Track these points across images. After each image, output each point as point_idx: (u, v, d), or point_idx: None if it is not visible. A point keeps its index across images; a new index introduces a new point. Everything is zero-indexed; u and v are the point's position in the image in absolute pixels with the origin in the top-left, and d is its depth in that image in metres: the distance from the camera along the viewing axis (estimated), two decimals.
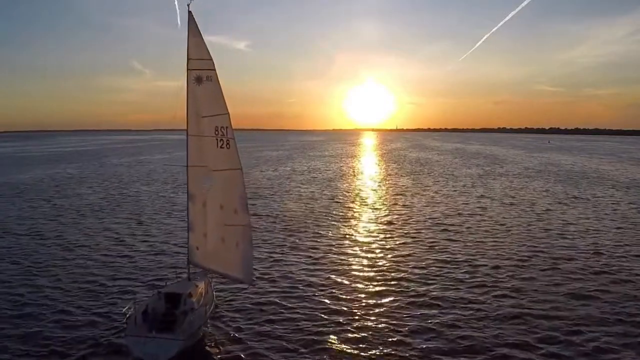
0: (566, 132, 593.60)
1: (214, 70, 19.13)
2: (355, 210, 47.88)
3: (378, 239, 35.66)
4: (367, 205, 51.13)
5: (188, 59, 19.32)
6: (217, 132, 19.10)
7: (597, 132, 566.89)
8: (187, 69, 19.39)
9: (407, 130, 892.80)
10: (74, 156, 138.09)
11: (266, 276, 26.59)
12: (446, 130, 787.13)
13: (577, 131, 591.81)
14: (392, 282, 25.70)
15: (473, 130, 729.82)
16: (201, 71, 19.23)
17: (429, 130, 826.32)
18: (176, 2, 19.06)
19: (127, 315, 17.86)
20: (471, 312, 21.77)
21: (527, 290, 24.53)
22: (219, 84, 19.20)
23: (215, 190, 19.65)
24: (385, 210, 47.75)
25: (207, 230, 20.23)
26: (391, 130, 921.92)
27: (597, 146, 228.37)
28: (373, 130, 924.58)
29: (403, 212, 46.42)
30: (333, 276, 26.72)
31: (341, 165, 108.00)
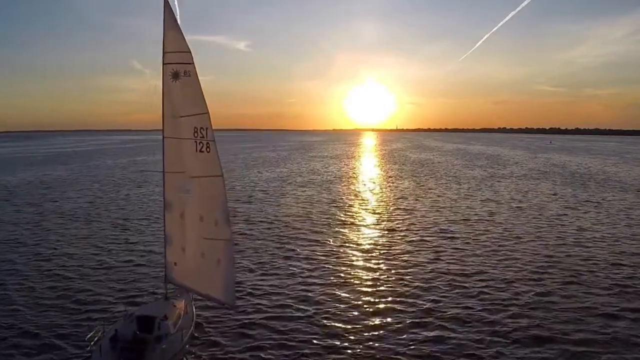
0: (566, 132, 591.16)
1: (193, 64, 16.91)
2: (355, 215, 45.46)
3: (380, 247, 33.22)
4: (367, 210, 48.71)
5: (164, 53, 17.13)
6: (195, 134, 16.87)
7: (597, 132, 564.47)
8: (163, 64, 17.19)
9: (407, 130, 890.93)
10: (71, 157, 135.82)
11: (256, 291, 24.20)
12: (446, 130, 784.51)
13: (577, 131, 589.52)
14: (396, 299, 23.31)
15: (473, 131, 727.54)
16: (178, 65, 17.03)
17: (429, 130, 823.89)
18: (176, 2, 16.98)
19: (94, 341, 15.70)
20: (484, 334, 19.38)
21: (546, 307, 22.12)
22: (198, 79, 16.94)
23: (194, 199, 17.33)
24: (387, 215, 45.33)
25: (186, 243, 17.91)
26: (391, 130, 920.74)
27: (599, 146, 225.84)
28: (373, 130, 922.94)
29: (406, 217, 44.00)
30: (330, 291, 24.31)
31: (341, 166, 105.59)
